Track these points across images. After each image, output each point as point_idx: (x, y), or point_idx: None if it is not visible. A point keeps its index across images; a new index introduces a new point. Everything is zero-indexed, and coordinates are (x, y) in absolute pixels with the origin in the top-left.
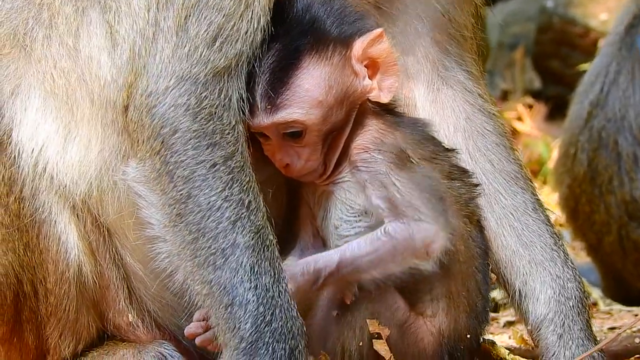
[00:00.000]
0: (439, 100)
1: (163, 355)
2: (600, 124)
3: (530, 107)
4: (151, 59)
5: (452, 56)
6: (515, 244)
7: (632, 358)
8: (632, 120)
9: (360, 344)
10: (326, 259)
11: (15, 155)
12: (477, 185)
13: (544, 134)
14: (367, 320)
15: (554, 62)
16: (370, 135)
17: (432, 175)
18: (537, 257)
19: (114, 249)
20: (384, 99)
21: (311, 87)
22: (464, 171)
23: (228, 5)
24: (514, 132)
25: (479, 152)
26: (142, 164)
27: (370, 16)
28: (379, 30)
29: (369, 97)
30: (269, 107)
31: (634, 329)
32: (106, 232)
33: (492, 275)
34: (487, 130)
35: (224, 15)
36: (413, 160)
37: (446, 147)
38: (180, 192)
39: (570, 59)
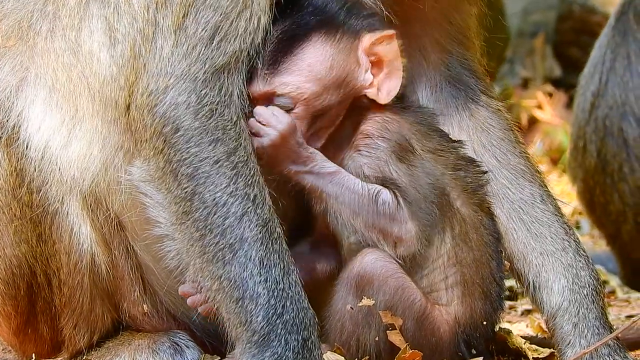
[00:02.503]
0: (443, 100)
1: (178, 345)
2: (603, 113)
3: (550, 95)
4: (151, 58)
5: (455, 56)
6: (526, 236)
7: None
8: (634, 104)
9: (376, 338)
10: (325, 163)
11: (24, 148)
12: (484, 172)
13: (564, 121)
14: (380, 312)
15: (574, 50)
16: (375, 122)
17: (431, 172)
18: (548, 248)
19: (127, 240)
20: (382, 100)
21: (313, 62)
22: (471, 160)
23: (225, 4)
24: (534, 120)
25: (483, 149)
26: (147, 163)
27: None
28: (391, 32)
29: (366, 93)
30: (268, 72)
31: None
32: (118, 224)
33: (506, 262)
34: (492, 125)
35: (221, 14)
36: (416, 152)
37: (452, 138)
38: (185, 190)
39: (590, 47)
